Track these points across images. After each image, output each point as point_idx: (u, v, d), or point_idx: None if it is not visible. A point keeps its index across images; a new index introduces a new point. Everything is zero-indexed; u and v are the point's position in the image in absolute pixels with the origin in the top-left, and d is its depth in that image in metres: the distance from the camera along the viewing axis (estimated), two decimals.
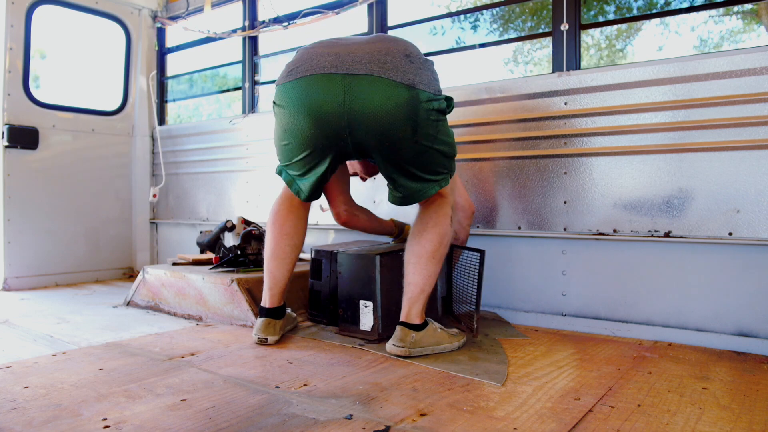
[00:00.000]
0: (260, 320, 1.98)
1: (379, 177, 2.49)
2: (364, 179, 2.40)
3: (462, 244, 2.30)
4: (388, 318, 2.00)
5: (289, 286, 2.06)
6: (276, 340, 1.98)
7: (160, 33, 3.99)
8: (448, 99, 1.81)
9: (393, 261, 2.03)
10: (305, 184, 1.90)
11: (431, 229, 1.87)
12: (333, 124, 1.69)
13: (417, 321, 1.83)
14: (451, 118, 2.50)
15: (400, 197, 1.87)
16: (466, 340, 1.95)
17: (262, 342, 1.96)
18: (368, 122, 1.67)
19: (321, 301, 2.29)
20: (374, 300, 1.99)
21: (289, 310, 2.15)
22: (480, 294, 2.01)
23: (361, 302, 2.01)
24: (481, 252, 2.01)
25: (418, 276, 1.83)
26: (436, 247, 1.85)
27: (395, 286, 2.02)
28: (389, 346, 1.81)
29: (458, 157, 2.48)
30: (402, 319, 1.83)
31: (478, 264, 2.02)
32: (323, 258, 2.27)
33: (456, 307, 2.28)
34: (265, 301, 2.00)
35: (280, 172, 2.00)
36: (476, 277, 2.02)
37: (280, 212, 2.05)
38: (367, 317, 2.00)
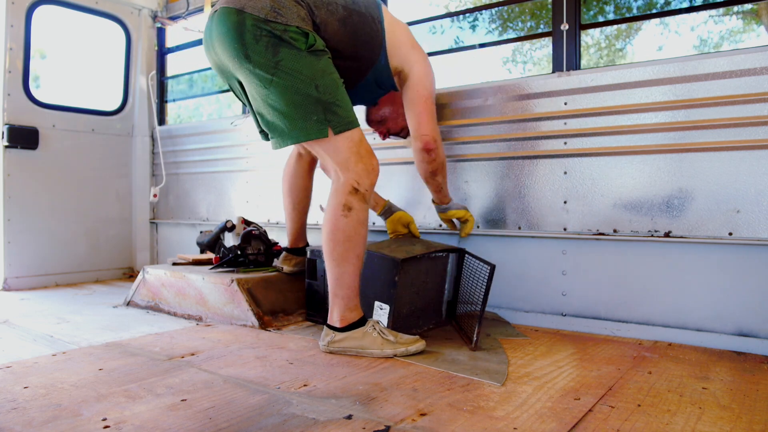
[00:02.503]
0: (282, 254, 2.48)
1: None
2: (383, 135, 2.41)
3: (439, 178, 2.21)
4: (399, 320, 2.01)
5: (289, 285, 2.17)
6: (291, 269, 2.43)
7: (160, 33, 3.99)
8: (300, 31, 1.72)
9: (414, 265, 2.04)
10: (247, 112, 2.07)
11: (324, 226, 1.79)
12: (210, 56, 1.89)
13: (337, 324, 1.82)
14: (451, 118, 2.51)
15: (260, 131, 1.93)
16: (418, 349, 1.81)
17: (279, 270, 2.46)
18: (218, 48, 1.79)
19: (317, 300, 2.29)
20: (391, 303, 1.98)
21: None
22: (484, 308, 1.96)
23: (377, 303, 2.00)
24: (492, 267, 1.94)
25: (328, 280, 1.82)
26: (330, 248, 1.77)
27: (410, 290, 2.05)
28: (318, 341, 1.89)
29: (458, 156, 2.50)
30: (327, 319, 1.86)
31: (486, 277, 1.95)
32: (318, 258, 2.28)
33: (460, 310, 2.27)
34: (287, 243, 2.48)
35: None
36: (482, 289, 1.97)
37: (284, 174, 2.42)
38: (382, 318, 1.99)
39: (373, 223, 2.72)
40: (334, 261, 1.78)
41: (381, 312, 2.00)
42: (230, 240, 2.83)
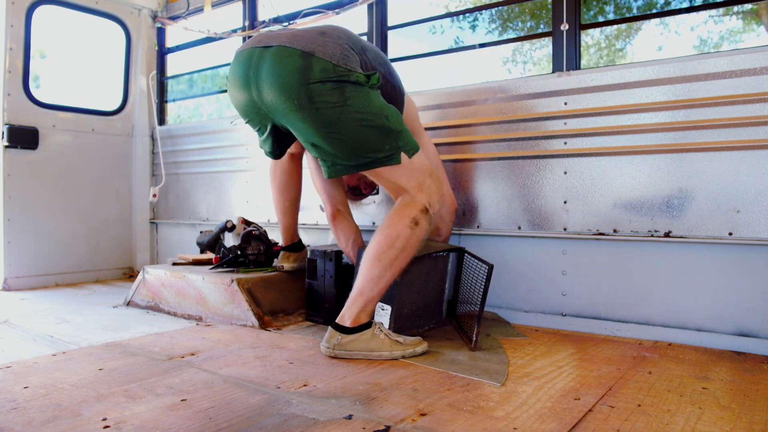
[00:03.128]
0: (280, 253, 2.49)
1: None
2: (363, 193, 2.41)
3: (444, 240, 2.29)
4: (400, 320, 2.01)
5: (289, 285, 2.16)
6: (291, 266, 2.45)
7: (160, 33, 3.99)
8: (367, 75, 1.77)
9: (415, 265, 2.02)
10: (265, 146, 2.02)
11: (384, 230, 1.81)
12: (246, 94, 1.83)
13: (347, 324, 1.79)
14: (450, 118, 2.51)
15: (324, 166, 1.89)
16: (423, 350, 1.84)
17: (279, 269, 2.46)
18: (267, 89, 1.76)
19: (317, 300, 2.29)
20: (392, 303, 1.98)
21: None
22: (483, 308, 1.97)
23: (379, 304, 2.00)
24: (490, 266, 1.96)
25: (360, 278, 1.81)
26: (383, 250, 1.78)
27: (411, 290, 2.04)
28: (321, 343, 1.85)
29: (458, 156, 2.50)
30: (337, 319, 1.83)
31: (485, 277, 1.97)
32: (318, 258, 2.28)
33: (460, 310, 2.27)
34: (283, 241, 2.50)
35: None
36: (481, 289, 1.98)
37: (274, 171, 2.39)
38: (383, 319, 1.99)
39: (373, 223, 2.72)
40: (382, 263, 1.78)
41: (383, 313, 1.99)
42: (230, 240, 2.83)
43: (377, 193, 2.49)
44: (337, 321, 1.82)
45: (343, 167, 1.82)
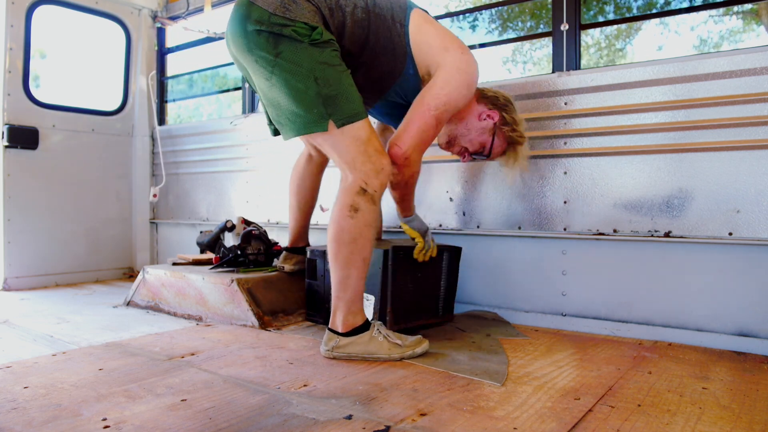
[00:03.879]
0: (282, 253, 2.49)
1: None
2: (463, 157, 2.12)
3: (395, 193, 1.98)
4: (386, 313, 2.01)
5: (289, 285, 2.17)
6: (291, 269, 2.43)
7: (160, 33, 3.99)
8: (307, 26, 1.66)
9: (404, 259, 2.04)
10: (267, 118, 1.97)
11: (330, 227, 1.73)
12: (229, 49, 1.83)
13: (339, 329, 1.76)
14: None
15: (269, 124, 1.90)
16: (424, 350, 1.80)
17: (279, 269, 2.46)
18: (228, 41, 1.80)
19: (317, 300, 2.30)
20: (376, 294, 1.99)
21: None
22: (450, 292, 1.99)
23: (365, 295, 2.00)
24: (458, 248, 2.00)
25: (332, 282, 1.77)
26: (335, 250, 1.72)
27: (401, 283, 2.05)
28: (320, 345, 1.84)
29: (457, 156, 2.49)
30: (329, 324, 1.81)
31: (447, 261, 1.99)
32: (317, 258, 2.28)
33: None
34: (288, 242, 2.49)
35: None
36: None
37: (292, 173, 2.41)
38: (368, 309, 1.99)
39: None
40: (339, 263, 1.73)
41: (367, 303, 1.99)
42: (230, 240, 2.83)
43: (487, 157, 2.18)
44: (329, 326, 1.80)
45: (286, 129, 1.76)
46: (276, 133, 1.97)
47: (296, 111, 1.70)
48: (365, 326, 1.78)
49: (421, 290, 2.16)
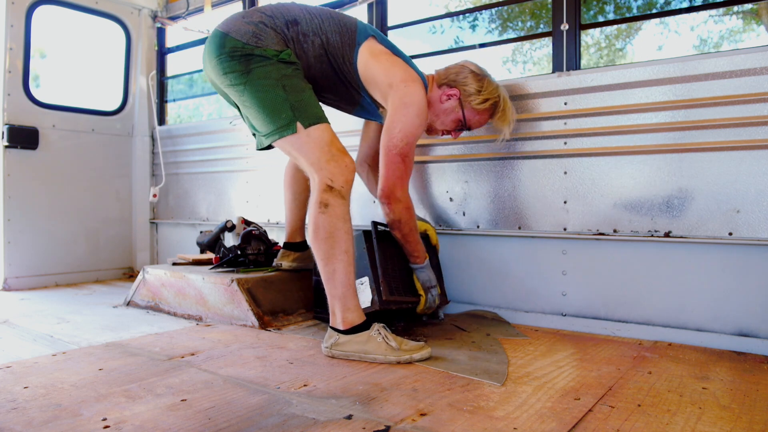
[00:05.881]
0: (280, 251, 2.53)
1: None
2: (453, 135, 2.23)
3: (396, 233, 2.05)
4: (384, 280, 2.02)
5: (289, 285, 2.20)
6: (289, 265, 2.48)
7: (160, 33, 3.99)
8: (278, 51, 1.87)
9: (374, 226, 2.09)
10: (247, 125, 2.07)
11: (308, 226, 1.84)
12: (205, 71, 2.04)
13: (340, 327, 1.80)
14: None
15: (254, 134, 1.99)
16: (423, 356, 1.76)
17: (278, 266, 2.50)
18: (206, 66, 2.00)
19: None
20: (367, 273, 2.00)
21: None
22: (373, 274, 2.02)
23: (357, 281, 1.99)
24: (373, 223, 2.10)
25: (323, 281, 1.83)
26: (316, 247, 1.80)
27: (385, 252, 2.08)
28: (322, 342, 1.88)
29: (458, 156, 2.49)
30: (330, 322, 1.85)
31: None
32: None
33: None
34: (285, 238, 2.53)
35: None
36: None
37: (287, 165, 2.49)
38: (364, 294, 1.99)
39: None
40: (322, 260, 1.79)
41: (362, 287, 2.00)
42: (230, 240, 2.83)
43: (463, 129, 2.21)
44: (330, 324, 1.83)
45: (261, 138, 1.90)
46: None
47: (267, 119, 1.85)
48: (365, 325, 1.80)
49: (407, 269, 2.17)
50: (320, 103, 1.96)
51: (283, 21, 1.94)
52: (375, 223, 2.15)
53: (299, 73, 1.92)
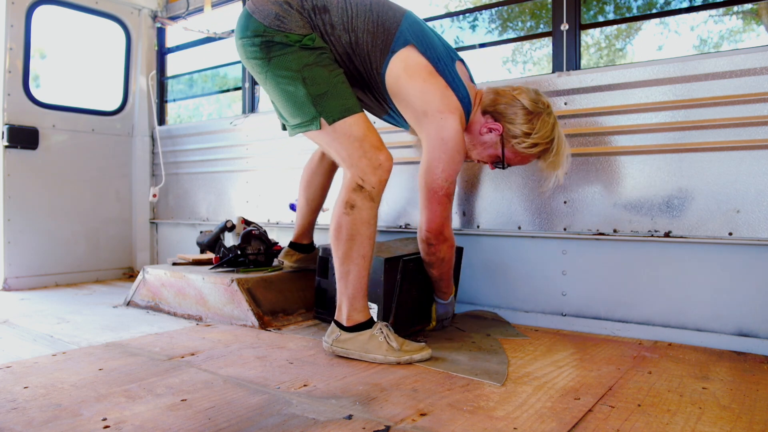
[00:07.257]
0: (285, 249, 2.48)
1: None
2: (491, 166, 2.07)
3: (441, 282, 2.04)
4: (395, 321, 2.00)
5: (289, 285, 2.21)
6: (290, 265, 2.46)
7: (160, 33, 3.99)
8: (300, 35, 1.72)
9: (403, 265, 2.00)
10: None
11: (330, 223, 1.77)
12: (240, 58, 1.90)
13: (344, 323, 1.79)
14: None
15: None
16: (423, 357, 1.75)
17: (279, 265, 2.52)
18: (236, 46, 1.87)
19: (327, 299, 2.29)
20: (379, 302, 1.98)
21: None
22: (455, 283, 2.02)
23: (369, 304, 1.99)
24: (459, 249, 2.08)
25: (336, 276, 1.80)
26: (335, 246, 1.75)
27: (405, 289, 2.02)
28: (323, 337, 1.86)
29: None
30: (335, 315, 1.82)
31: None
32: (329, 256, 2.27)
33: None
34: (292, 237, 2.49)
35: None
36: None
37: (304, 169, 2.42)
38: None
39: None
40: (339, 259, 1.76)
41: (372, 312, 1.99)
42: (230, 240, 2.83)
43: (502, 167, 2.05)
44: (335, 318, 1.82)
45: (290, 128, 1.84)
46: (284, 127, 1.97)
47: (290, 111, 1.79)
48: (368, 324, 1.79)
49: (425, 293, 2.16)
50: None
51: (311, 4, 1.77)
52: (396, 259, 2.00)
53: (324, 59, 1.74)
